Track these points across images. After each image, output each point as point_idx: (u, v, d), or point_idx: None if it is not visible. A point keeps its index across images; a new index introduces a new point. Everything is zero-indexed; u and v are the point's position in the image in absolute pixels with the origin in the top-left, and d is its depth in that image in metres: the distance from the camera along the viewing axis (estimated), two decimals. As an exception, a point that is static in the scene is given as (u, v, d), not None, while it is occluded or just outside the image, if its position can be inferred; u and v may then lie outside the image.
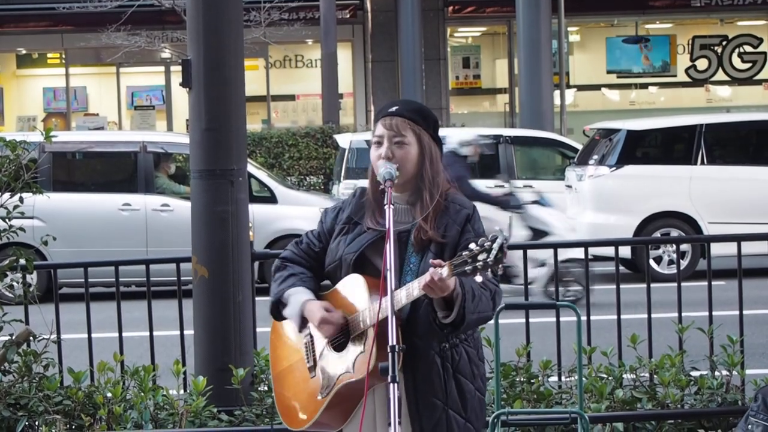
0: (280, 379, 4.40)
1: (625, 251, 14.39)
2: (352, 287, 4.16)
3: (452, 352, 4.18)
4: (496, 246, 3.78)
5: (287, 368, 4.36)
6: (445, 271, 3.87)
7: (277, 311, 4.32)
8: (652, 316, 6.85)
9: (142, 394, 6.28)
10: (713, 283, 6.89)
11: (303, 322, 4.22)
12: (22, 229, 6.51)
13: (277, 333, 4.44)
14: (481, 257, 3.81)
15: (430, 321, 4.06)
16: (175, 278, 6.91)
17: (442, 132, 4.77)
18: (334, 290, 4.25)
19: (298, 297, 4.22)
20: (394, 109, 4.23)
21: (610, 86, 28.56)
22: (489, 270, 3.80)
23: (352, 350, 4.10)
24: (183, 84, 6.77)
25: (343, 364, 4.11)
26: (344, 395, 4.12)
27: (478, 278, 3.83)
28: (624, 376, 6.50)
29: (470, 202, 4.27)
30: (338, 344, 4.17)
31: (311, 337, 4.26)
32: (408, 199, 4.21)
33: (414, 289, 3.97)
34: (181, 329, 6.87)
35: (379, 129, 4.20)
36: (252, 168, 14.65)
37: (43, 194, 6.66)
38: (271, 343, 4.48)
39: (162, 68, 27.74)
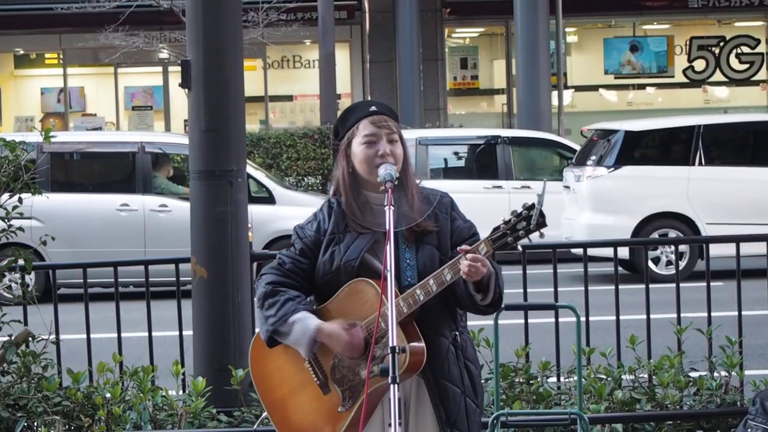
0: (280, 406, 4.30)
1: (623, 252, 14.39)
2: (361, 292, 4.13)
3: (461, 339, 4.24)
4: (535, 212, 3.88)
5: (287, 393, 4.27)
6: (483, 249, 3.94)
7: (271, 339, 4.22)
8: (651, 317, 6.85)
9: (141, 394, 6.28)
10: (712, 284, 6.90)
11: (312, 347, 4.14)
12: (21, 229, 6.51)
13: (263, 362, 4.33)
14: (520, 226, 3.92)
15: (441, 310, 4.15)
16: (174, 279, 6.90)
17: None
18: (337, 299, 4.19)
19: (307, 323, 4.14)
20: (376, 108, 4.25)
21: (608, 87, 28.58)
22: (529, 236, 3.91)
23: (379, 353, 4.05)
24: (182, 85, 6.76)
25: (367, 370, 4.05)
26: (372, 400, 4.09)
27: (519, 248, 3.97)
28: (623, 377, 6.50)
29: (442, 190, 4.33)
30: None
31: (314, 354, 4.20)
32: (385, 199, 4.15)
33: (445, 275, 4.01)
34: (180, 330, 6.86)
35: (369, 128, 4.20)
36: (250, 168, 14.64)
37: (42, 195, 6.66)
38: (256, 374, 4.36)
39: (160, 69, 27.74)
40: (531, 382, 6.44)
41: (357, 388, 4.10)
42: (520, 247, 3.99)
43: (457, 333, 4.23)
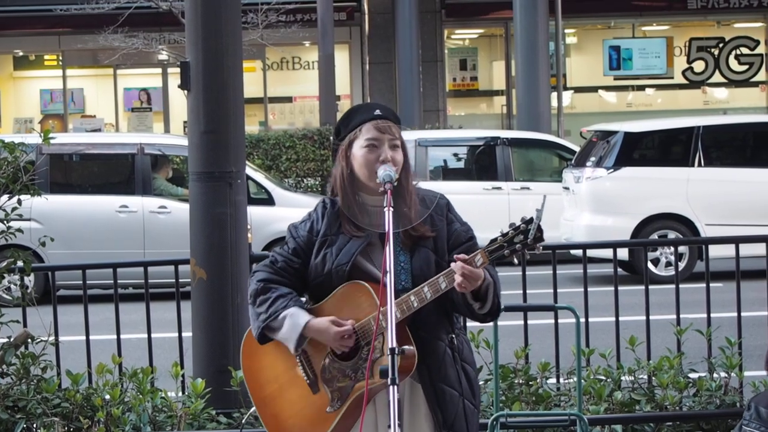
0: (269, 403, 4.31)
1: (623, 253, 14.40)
2: (355, 294, 4.12)
3: (458, 341, 4.24)
4: (533, 227, 3.87)
5: (277, 390, 4.28)
6: (479, 260, 3.92)
7: (263, 335, 4.22)
8: (651, 318, 6.86)
9: (141, 396, 6.28)
10: (711, 285, 6.90)
11: (300, 343, 4.15)
12: (20, 230, 6.51)
13: (254, 357, 4.34)
14: (518, 239, 3.90)
15: (438, 313, 4.13)
16: (173, 280, 6.90)
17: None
18: (331, 300, 4.18)
19: (297, 318, 4.14)
20: (380, 112, 4.23)
21: (607, 88, 28.57)
22: (526, 250, 3.89)
23: (370, 356, 4.05)
24: (182, 86, 6.77)
25: (358, 371, 4.08)
26: (360, 403, 4.08)
27: (515, 260, 3.94)
28: (622, 378, 6.51)
29: (439, 192, 4.32)
30: (345, 353, 4.13)
31: (305, 353, 4.21)
32: (384, 201, 4.15)
33: (440, 283, 4.00)
34: (180, 331, 6.87)
35: (372, 132, 4.19)
36: (249, 170, 14.64)
37: (41, 196, 6.66)
38: (247, 369, 4.37)
39: (159, 70, 27.74)
40: (530, 383, 6.44)
41: (345, 389, 4.11)
42: (516, 261, 3.97)
43: (453, 335, 4.22)
